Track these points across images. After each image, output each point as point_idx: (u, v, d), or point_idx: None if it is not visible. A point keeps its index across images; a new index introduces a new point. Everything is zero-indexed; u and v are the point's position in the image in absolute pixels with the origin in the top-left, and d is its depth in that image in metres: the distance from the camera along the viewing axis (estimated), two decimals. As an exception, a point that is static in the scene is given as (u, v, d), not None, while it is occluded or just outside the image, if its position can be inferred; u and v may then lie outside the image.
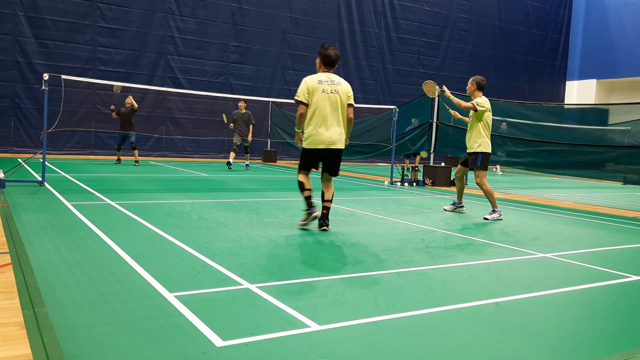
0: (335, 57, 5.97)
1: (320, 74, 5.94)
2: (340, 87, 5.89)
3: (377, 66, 23.06)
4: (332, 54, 5.95)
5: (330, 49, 6.00)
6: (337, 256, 4.63)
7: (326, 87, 5.81)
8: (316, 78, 5.86)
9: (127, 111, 14.28)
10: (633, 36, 25.96)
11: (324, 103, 5.79)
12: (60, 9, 16.94)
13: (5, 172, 8.62)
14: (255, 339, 2.68)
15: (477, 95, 7.64)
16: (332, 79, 5.89)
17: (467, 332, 2.94)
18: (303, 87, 5.84)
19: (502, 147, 13.29)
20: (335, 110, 5.84)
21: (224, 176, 12.56)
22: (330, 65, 5.97)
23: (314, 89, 5.80)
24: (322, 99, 5.79)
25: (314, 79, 5.85)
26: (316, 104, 5.80)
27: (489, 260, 4.78)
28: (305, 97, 5.82)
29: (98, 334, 2.66)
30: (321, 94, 5.79)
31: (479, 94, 7.64)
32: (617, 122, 17.38)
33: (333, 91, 5.82)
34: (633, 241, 6.19)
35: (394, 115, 12.77)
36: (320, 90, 5.79)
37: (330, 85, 5.84)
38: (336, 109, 5.85)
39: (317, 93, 5.79)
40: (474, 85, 7.67)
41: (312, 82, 5.83)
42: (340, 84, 5.91)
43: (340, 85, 5.90)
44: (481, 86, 7.65)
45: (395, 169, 13.05)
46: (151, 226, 5.56)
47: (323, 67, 6.00)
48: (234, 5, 19.75)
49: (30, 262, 3.92)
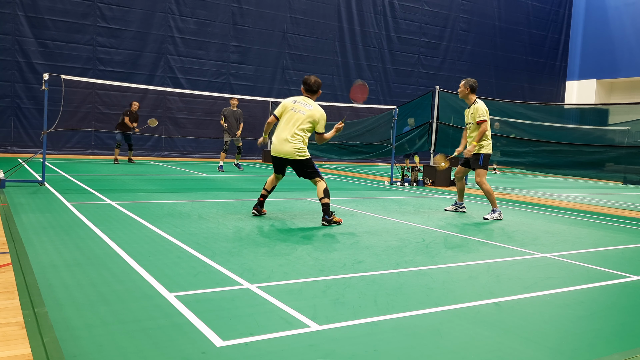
0: (315, 84, 6.60)
1: (299, 97, 6.63)
2: (310, 110, 6.47)
3: (377, 66, 23.06)
4: (312, 81, 6.61)
5: (312, 77, 6.68)
6: (337, 256, 4.63)
7: (296, 107, 6.49)
8: (292, 99, 6.61)
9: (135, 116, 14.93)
10: (633, 36, 25.96)
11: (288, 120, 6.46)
12: (60, 9, 16.94)
13: (5, 172, 8.62)
14: (255, 339, 2.68)
15: (471, 97, 7.69)
16: (306, 103, 6.54)
17: (467, 332, 2.94)
18: (280, 104, 6.62)
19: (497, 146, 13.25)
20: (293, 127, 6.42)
21: (224, 176, 12.56)
22: (309, 91, 6.63)
23: (287, 107, 6.53)
24: (289, 116, 6.47)
25: (292, 99, 6.61)
26: (282, 119, 6.52)
27: (489, 260, 4.78)
28: (278, 112, 6.59)
29: (98, 334, 2.66)
30: (290, 111, 6.48)
31: (473, 96, 7.70)
32: (617, 122, 17.37)
33: (300, 111, 6.46)
34: (633, 241, 6.19)
35: (394, 115, 12.77)
36: (290, 109, 6.49)
37: (302, 106, 6.49)
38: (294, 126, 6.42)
39: (286, 110, 6.52)
40: (468, 88, 7.71)
41: (288, 101, 6.59)
42: (311, 108, 6.49)
43: (311, 109, 6.48)
44: (474, 89, 7.71)
45: (395, 169, 13.05)
46: (151, 226, 5.56)
47: (305, 93, 6.67)
48: (234, 5, 19.75)
49: (30, 262, 3.92)
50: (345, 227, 6.15)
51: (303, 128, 6.41)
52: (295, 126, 6.40)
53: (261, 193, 6.75)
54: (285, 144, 6.41)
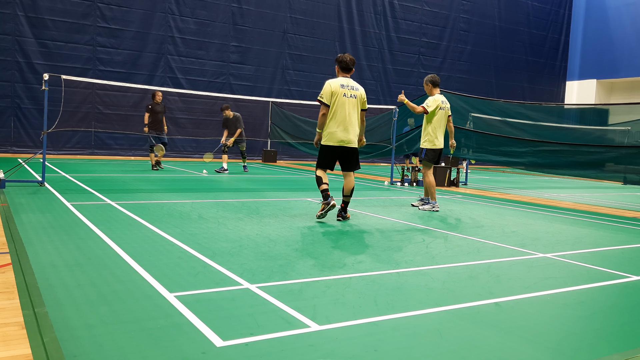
0: (351, 62, 6.52)
1: (341, 79, 6.48)
2: (358, 92, 6.51)
3: (377, 66, 23.07)
4: (347, 59, 6.51)
5: (346, 55, 6.56)
6: (337, 256, 4.63)
7: (347, 92, 6.40)
8: (338, 82, 6.42)
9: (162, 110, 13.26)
10: (633, 36, 25.96)
11: (343, 105, 6.37)
12: (60, 9, 16.94)
13: (5, 172, 8.61)
14: (255, 339, 2.68)
15: (434, 92, 8.01)
16: (351, 85, 6.48)
17: (467, 332, 2.94)
18: (327, 89, 6.38)
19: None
20: (353, 113, 6.44)
21: (224, 176, 12.55)
22: (347, 70, 6.53)
23: (337, 92, 6.36)
24: (343, 101, 6.37)
25: (337, 82, 6.42)
26: (337, 105, 6.36)
27: (489, 260, 4.78)
28: (328, 99, 6.38)
29: (98, 334, 2.66)
30: (342, 97, 6.36)
31: (437, 90, 8.04)
32: (617, 122, 17.35)
33: (352, 95, 6.43)
34: (633, 241, 6.19)
35: (394, 116, 12.76)
36: (342, 94, 6.37)
37: (350, 90, 6.43)
38: (353, 111, 6.45)
39: (338, 96, 6.35)
40: (429, 84, 8.05)
41: (335, 85, 6.39)
42: (358, 89, 6.53)
43: (358, 90, 6.52)
44: (435, 83, 8.05)
45: (395, 169, 13.05)
46: (151, 226, 5.56)
47: (341, 73, 6.57)
48: (234, 5, 19.75)
49: (30, 262, 3.92)
50: (345, 227, 6.14)
51: (358, 112, 6.49)
52: (355, 111, 6.44)
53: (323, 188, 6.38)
54: (351, 131, 6.40)
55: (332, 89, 6.35)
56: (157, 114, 13.01)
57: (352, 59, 6.54)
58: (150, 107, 13.04)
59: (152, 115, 12.98)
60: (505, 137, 14.17)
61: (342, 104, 6.34)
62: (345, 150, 6.46)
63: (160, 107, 13.13)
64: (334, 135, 6.37)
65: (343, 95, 6.34)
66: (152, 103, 13.10)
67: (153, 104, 13.04)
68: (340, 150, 6.45)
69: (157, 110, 13.02)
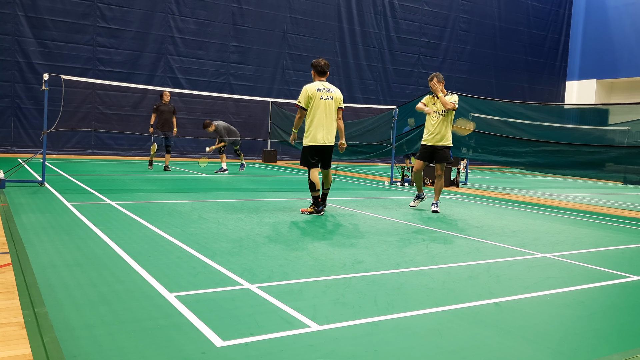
0: (325, 66, 7.03)
1: (317, 83, 6.96)
2: (334, 94, 7.00)
3: (377, 66, 23.07)
4: (322, 63, 7.01)
5: (321, 59, 7.07)
6: (337, 256, 4.63)
7: (323, 94, 6.89)
8: (315, 86, 6.90)
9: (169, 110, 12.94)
10: (633, 36, 25.96)
11: (320, 108, 6.86)
12: (60, 9, 16.94)
13: (5, 172, 8.62)
14: (255, 339, 2.68)
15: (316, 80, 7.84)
16: (327, 87, 6.97)
17: (467, 332, 2.94)
18: (304, 94, 6.89)
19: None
20: (330, 114, 6.94)
21: (224, 176, 12.55)
22: (322, 73, 7.02)
23: (314, 96, 6.85)
24: (319, 104, 6.86)
25: (313, 87, 6.89)
26: (314, 108, 6.86)
27: (489, 260, 4.78)
28: (305, 102, 6.91)
29: (98, 334, 2.66)
30: (319, 100, 6.85)
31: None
32: (617, 122, 17.34)
33: (329, 97, 6.91)
34: (633, 241, 6.19)
35: (394, 115, 12.76)
36: (319, 97, 6.86)
37: (326, 93, 6.92)
38: (330, 112, 6.94)
39: (315, 99, 6.85)
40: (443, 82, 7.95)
41: (312, 89, 6.87)
42: (334, 91, 7.01)
43: (334, 92, 7.01)
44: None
45: (395, 169, 13.05)
46: (151, 226, 5.56)
47: (317, 77, 7.04)
48: (234, 5, 19.75)
49: (30, 262, 3.92)
50: (345, 227, 6.15)
51: (335, 112, 7.00)
52: (332, 112, 6.94)
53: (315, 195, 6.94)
54: (331, 131, 6.96)
55: (309, 93, 6.86)
56: (163, 113, 12.76)
57: (327, 63, 7.04)
58: (155, 107, 12.87)
59: (158, 115, 12.80)
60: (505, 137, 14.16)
61: (318, 107, 6.83)
62: (324, 148, 6.96)
63: (167, 107, 12.84)
64: (315, 136, 6.87)
65: (320, 98, 6.83)
66: (159, 103, 12.90)
67: (159, 104, 12.85)
68: (320, 148, 6.93)
69: (163, 110, 12.77)
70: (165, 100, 12.88)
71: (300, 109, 6.93)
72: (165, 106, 12.83)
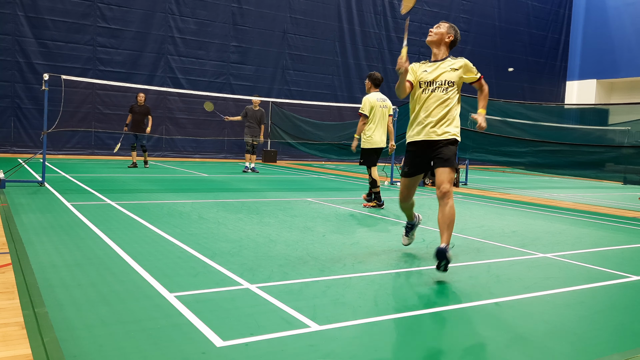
0: (381, 79, 8.23)
1: (375, 93, 8.05)
2: (387, 102, 8.13)
3: (377, 66, 23.04)
4: (379, 76, 8.18)
5: (377, 73, 8.22)
6: (337, 256, 4.63)
7: (380, 104, 8.00)
8: (374, 97, 7.98)
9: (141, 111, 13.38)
10: (633, 36, 25.95)
11: (378, 115, 7.96)
12: (60, 9, 16.94)
13: (5, 172, 8.61)
14: (255, 339, 2.68)
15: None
16: (382, 97, 8.08)
17: (467, 332, 2.94)
18: (366, 104, 7.95)
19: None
20: (384, 120, 8.04)
21: (224, 176, 12.56)
22: (378, 85, 8.16)
23: (375, 105, 7.94)
24: (378, 112, 7.96)
25: (373, 97, 7.98)
26: (374, 116, 7.95)
27: (489, 260, 4.78)
28: (368, 111, 7.96)
29: (98, 334, 2.66)
30: (378, 109, 7.97)
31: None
32: (617, 122, 17.35)
33: (384, 106, 8.05)
34: (633, 241, 6.19)
35: (394, 116, 12.72)
36: (378, 106, 7.97)
37: (382, 102, 8.04)
38: (384, 119, 8.04)
39: (375, 108, 7.95)
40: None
41: (372, 100, 7.96)
42: (386, 100, 8.14)
43: (386, 101, 8.13)
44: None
45: (396, 169, 13.04)
46: (151, 226, 5.56)
47: (373, 88, 8.12)
48: (234, 5, 19.75)
49: (30, 262, 3.92)
50: (345, 227, 6.15)
51: (387, 119, 8.10)
52: (385, 119, 8.04)
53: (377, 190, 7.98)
54: (384, 135, 8.02)
55: (371, 103, 7.93)
56: (135, 114, 13.30)
57: (382, 77, 8.23)
58: (130, 108, 13.50)
59: (132, 116, 13.36)
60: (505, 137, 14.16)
61: (377, 114, 7.93)
62: (378, 150, 8.09)
63: (140, 109, 13.34)
64: (373, 139, 7.95)
65: (379, 107, 7.95)
66: (133, 104, 13.52)
67: (133, 105, 13.45)
68: (377, 150, 8.05)
69: (135, 110, 13.31)
70: (140, 101, 13.39)
71: (364, 116, 7.95)
72: (138, 107, 13.38)
